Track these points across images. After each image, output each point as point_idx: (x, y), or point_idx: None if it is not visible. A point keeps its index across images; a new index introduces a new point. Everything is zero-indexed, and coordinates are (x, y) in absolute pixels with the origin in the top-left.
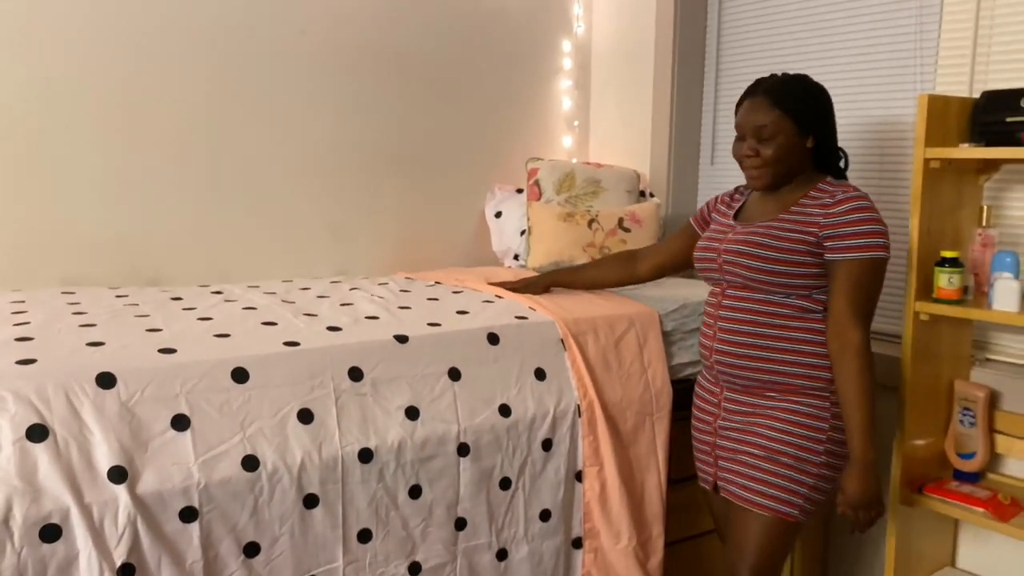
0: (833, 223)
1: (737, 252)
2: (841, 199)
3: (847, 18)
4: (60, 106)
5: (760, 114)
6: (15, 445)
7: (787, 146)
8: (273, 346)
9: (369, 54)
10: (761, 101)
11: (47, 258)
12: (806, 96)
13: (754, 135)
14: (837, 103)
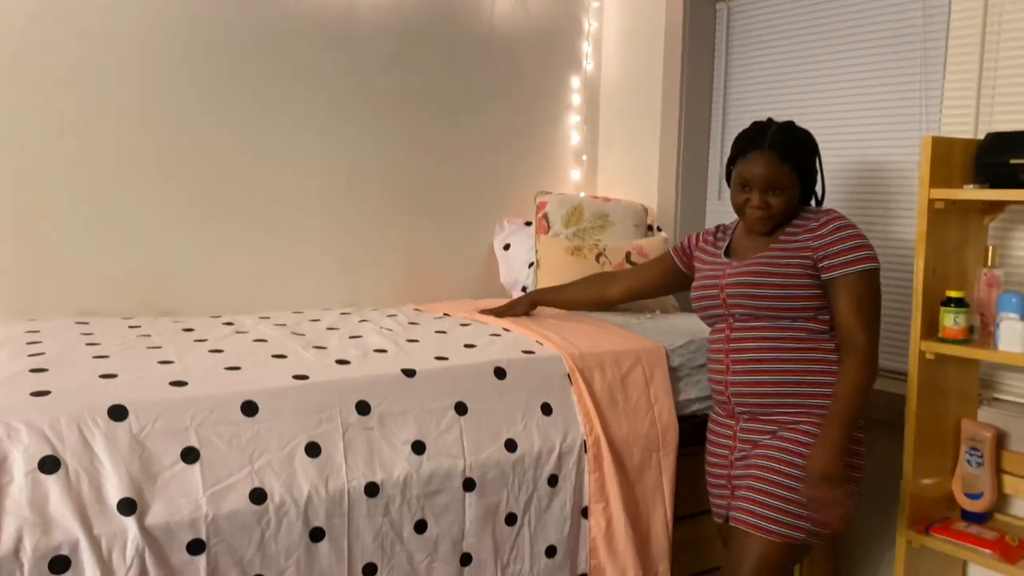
0: (823, 244)
1: (740, 284)
2: (825, 221)
3: (854, 58)
4: (78, 142)
5: (771, 169)
6: (27, 476)
7: (792, 197)
8: (282, 379)
9: (381, 91)
10: (770, 156)
11: (63, 289)
12: (807, 149)
13: (764, 188)
14: (843, 142)
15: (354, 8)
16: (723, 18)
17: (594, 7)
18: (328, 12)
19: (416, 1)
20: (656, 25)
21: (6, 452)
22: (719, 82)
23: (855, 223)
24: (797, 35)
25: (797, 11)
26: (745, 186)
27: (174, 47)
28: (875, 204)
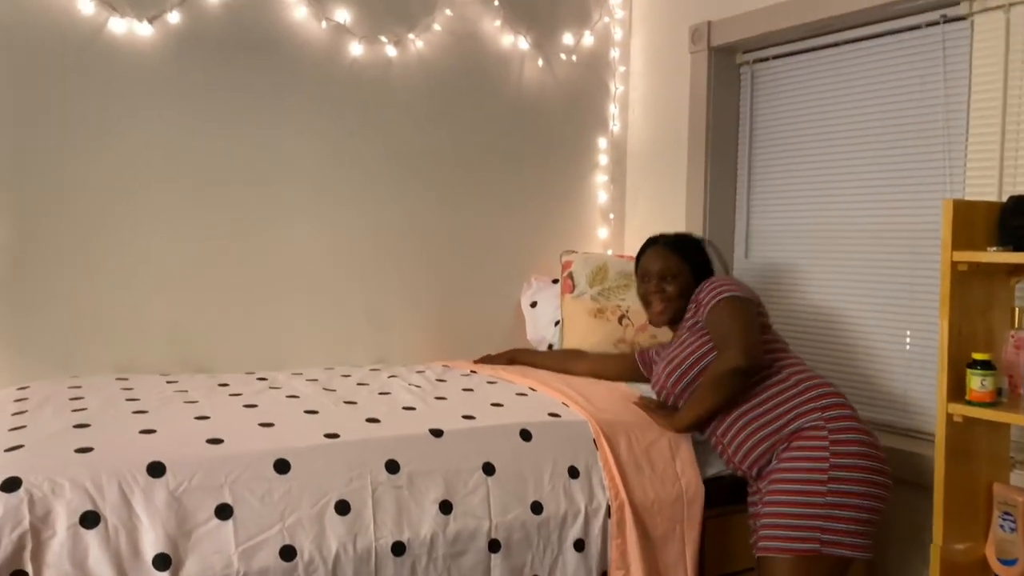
0: (699, 304)
1: (673, 382)
2: (703, 285)
3: (878, 121)
4: (119, 203)
5: (664, 259)
6: (69, 531)
7: (685, 283)
8: (314, 437)
9: (411, 152)
10: (662, 250)
11: (103, 345)
12: (694, 246)
13: (657, 277)
14: (867, 203)
15: (387, 72)
16: (747, 79)
17: (620, 71)
18: (362, 76)
19: (446, 65)
20: (681, 87)
21: (50, 507)
22: (744, 141)
23: (732, 278)
24: (820, 96)
25: (820, 72)
26: (643, 279)
27: (209, 108)
28: (901, 266)
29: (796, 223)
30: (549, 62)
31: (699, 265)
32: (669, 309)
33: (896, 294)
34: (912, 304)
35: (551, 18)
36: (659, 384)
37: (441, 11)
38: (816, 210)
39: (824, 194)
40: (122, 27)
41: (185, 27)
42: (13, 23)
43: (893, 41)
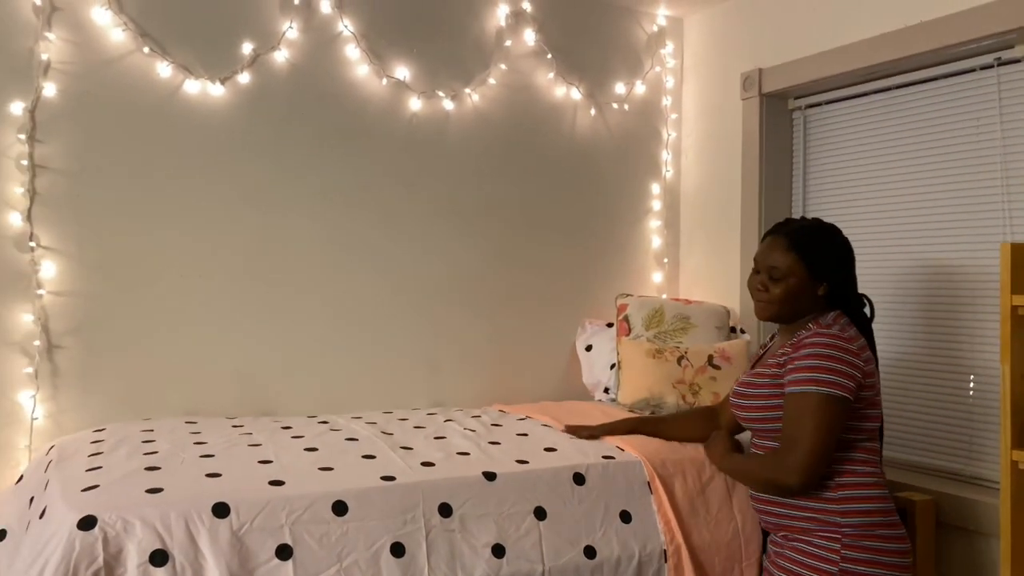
0: (791, 358)
1: (734, 404)
2: (804, 337)
3: (933, 164)
4: (190, 254)
5: (776, 254)
6: (139, 569)
7: (796, 289)
8: (371, 480)
9: (467, 201)
10: (780, 241)
11: (172, 389)
12: (824, 244)
13: (767, 272)
14: (923, 246)
15: (444, 125)
16: (800, 124)
17: (672, 118)
18: (421, 130)
19: (501, 117)
20: (733, 132)
21: (122, 545)
22: (798, 185)
23: (842, 346)
24: (874, 140)
25: (873, 116)
26: (756, 270)
27: (276, 162)
28: (959, 309)
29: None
30: (601, 111)
31: (821, 268)
32: (769, 310)
33: (956, 338)
34: (973, 348)
35: (602, 69)
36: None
37: (496, 66)
38: (872, 254)
39: (880, 238)
40: (196, 88)
41: (255, 87)
42: (95, 86)
43: (947, 84)
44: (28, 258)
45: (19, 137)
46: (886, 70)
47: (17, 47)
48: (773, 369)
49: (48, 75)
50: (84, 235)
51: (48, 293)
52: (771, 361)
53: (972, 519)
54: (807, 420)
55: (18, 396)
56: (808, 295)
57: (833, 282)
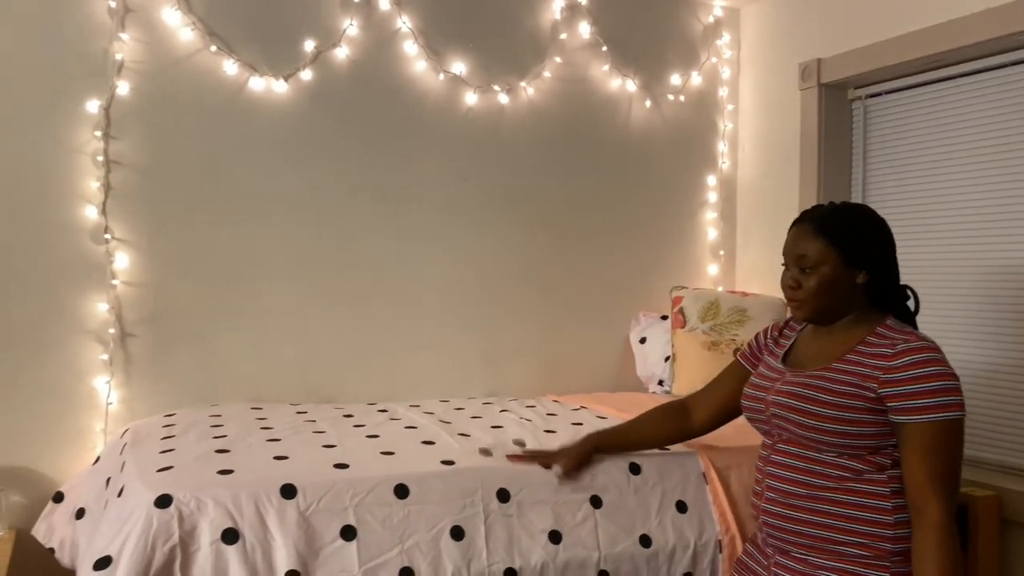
0: (895, 379)
1: (785, 406)
2: (903, 350)
3: (997, 154)
4: (254, 245)
5: (803, 243)
6: (211, 546)
7: (831, 279)
8: (432, 464)
9: (522, 195)
10: (806, 228)
11: (238, 376)
12: (857, 226)
13: (796, 265)
14: (986, 240)
15: (500, 118)
16: (859, 114)
17: (729, 109)
18: (477, 124)
19: (556, 110)
20: (791, 124)
21: (196, 523)
22: (857, 177)
23: (944, 356)
24: (936, 129)
25: (936, 106)
26: (785, 266)
27: (336, 157)
28: (1013, 300)
29: (913, 258)
30: (657, 103)
31: (856, 252)
32: (806, 308)
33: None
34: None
35: (658, 60)
36: (767, 393)
37: (551, 59)
38: (933, 247)
39: (942, 231)
40: (260, 85)
41: (316, 83)
42: (166, 84)
43: (1015, 72)
44: (103, 250)
45: (95, 134)
46: (950, 58)
47: (94, 48)
48: (857, 377)
49: (122, 74)
50: (155, 228)
51: (121, 283)
52: (845, 366)
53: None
54: (956, 450)
55: (94, 382)
56: (846, 285)
57: (872, 269)
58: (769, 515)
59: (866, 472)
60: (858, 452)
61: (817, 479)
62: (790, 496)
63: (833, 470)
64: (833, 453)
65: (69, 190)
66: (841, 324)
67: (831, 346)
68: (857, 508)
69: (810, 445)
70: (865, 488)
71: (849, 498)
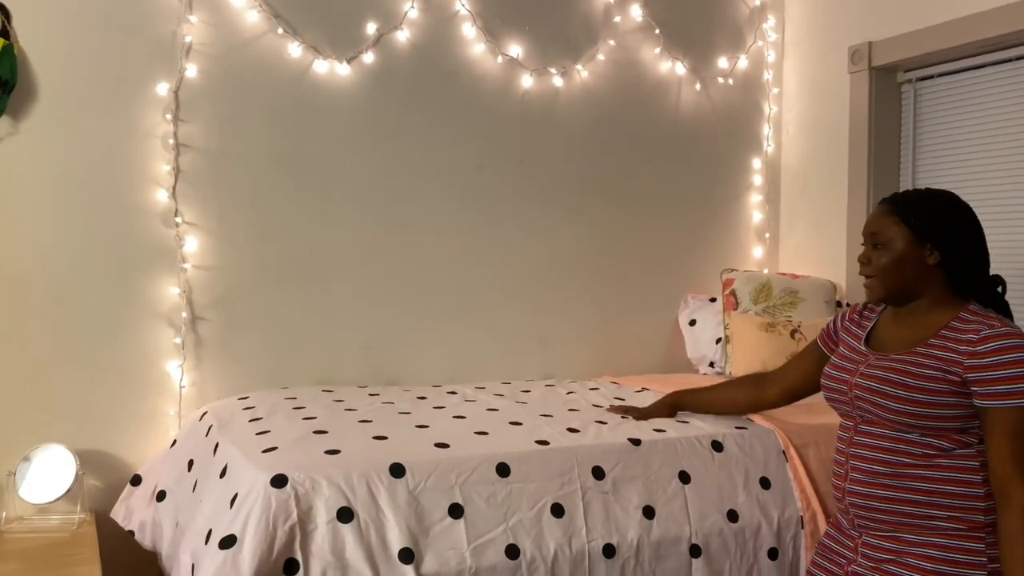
0: (979, 364)
1: (870, 389)
2: (987, 335)
3: None
4: (320, 230)
5: (877, 221)
6: (328, 525)
7: (899, 256)
8: (527, 444)
9: (575, 179)
10: (882, 208)
11: (305, 359)
12: (931, 205)
13: (870, 242)
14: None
15: (555, 101)
16: (909, 97)
17: (774, 92)
18: (533, 106)
19: (609, 93)
20: (838, 107)
21: (312, 502)
22: (906, 160)
23: (1023, 338)
24: (990, 112)
25: (987, 89)
26: (863, 245)
27: (399, 139)
28: None
29: None
30: (705, 86)
31: (926, 229)
32: (878, 285)
33: None
34: None
35: (706, 43)
36: (851, 375)
37: (605, 42)
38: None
39: (995, 215)
40: (324, 68)
41: (378, 66)
42: (233, 67)
43: None
44: (174, 233)
45: (165, 117)
46: (1000, 43)
47: (163, 31)
48: (941, 361)
49: (190, 56)
50: (223, 211)
51: (192, 267)
52: (930, 351)
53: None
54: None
55: (167, 366)
56: (917, 264)
57: (945, 249)
58: (855, 495)
59: (954, 449)
60: (944, 432)
61: (904, 458)
62: (877, 475)
63: (919, 448)
64: (918, 433)
65: (140, 174)
66: (920, 307)
67: (914, 330)
68: (947, 483)
69: (895, 426)
70: (954, 463)
71: (938, 474)
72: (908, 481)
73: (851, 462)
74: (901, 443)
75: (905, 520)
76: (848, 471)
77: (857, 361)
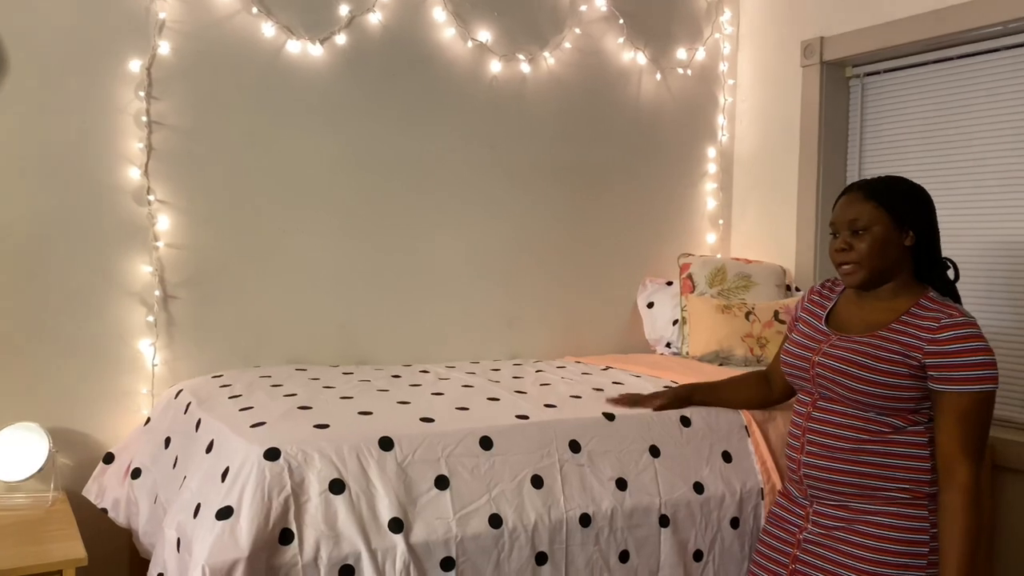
0: (938, 351)
1: (833, 369)
2: (947, 324)
3: (989, 132)
4: (292, 211)
5: (855, 206)
6: (320, 496)
7: (882, 239)
8: (508, 419)
9: (542, 164)
10: (855, 195)
11: (277, 338)
12: (903, 190)
13: (848, 228)
14: (976, 211)
15: (522, 87)
16: (857, 91)
17: (730, 83)
18: (501, 92)
19: (573, 80)
20: (790, 99)
21: (304, 475)
22: (854, 150)
23: (979, 328)
24: (932, 108)
25: (933, 84)
26: (834, 234)
27: (370, 121)
28: (1007, 271)
29: None
30: (665, 76)
31: (904, 214)
32: (859, 271)
33: (1003, 295)
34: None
35: (667, 34)
36: (812, 354)
37: (571, 30)
38: None
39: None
40: (297, 48)
41: (351, 47)
42: (207, 45)
43: (1012, 56)
44: (146, 211)
45: (138, 94)
46: (950, 40)
47: (135, 5)
48: (902, 346)
49: (163, 34)
50: (196, 190)
51: (164, 245)
52: (892, 335)
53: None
54: (986, 419)
55: (138, 344)
56: (896, 247)
57: (920, 230)
58: (811, 467)
59: (906, 427)
60: (899, 411)
61: (860, 434)
62: (833, 450)
63: (875, 426)
64: (875, 411)
65: (112, 151)
66: (885, 291)
67: (876, 313)
68: (898, 458)
69: (854, 404)
70: (906, 440)
71: (890, 449)
72: (863, 456)
73: (807, 436)
74: (858, 420)
75: (857, 491)
76: (804, 444)
77: (819, 340)
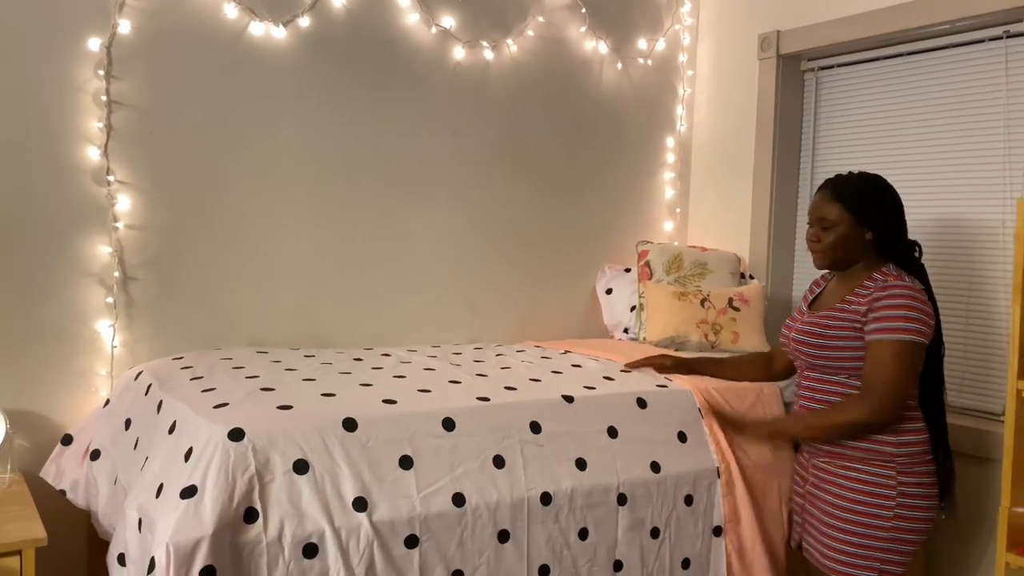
0: (871, 310)
1: (799, 341)
2: (885, 286)
3: (939, 127)
4: (254, 193)
5: (824, 206)
6: (285, 476)
7: (844, 236)
8: (469, 401)
9: (503, 150)
10: (827, 194)
11: (238, 321)
12: (868, 192)
13: (818, 224)
14: (927, 198)
15: (485, 74)
16: (811, 85)
17: (688, 74)
18: (464, 78)
19: (536, 68)
20: (747, 90)
21: (268, 455)
22: (807, 142)
23: (919, 296)
24: (884, 101)
25: (885, 78)
26: (809, 224)
27: (333, 104)
28: (961, 256)
29: None
30: (626, 66)
31: (865, 215)
32: (825, 258)
33: (956, 278)
34: (971, 287)
35: (628, 25)
36: (789, 331)
37: (534, 18)
38: None
39: None
40: (260, 30)
41: (314, 30)
42: (168, 24)
43: (958, 53)
44: (105, 192)
45: (97, 73)
46: (901, 37)
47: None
48: (849, 314)
49: (123, 12)
50: (157, 170)
51: (124, 226)
52: (843, 306)
53: (980, 446)
54: (893, 365)
55: (97, 325)
56: (857, 242)
57: (878, 229)
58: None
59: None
60: (859, 372)
61: (831, 397)
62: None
63: (843, 389)
64: (843, 375)
65: (71, 130)
66: (856, 271)
67: (842, 290)
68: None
69: (823, 370)
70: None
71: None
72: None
73: (800, 401)
74: (829, 384)
75: (835, 449)
76: (798, 409)
77: (796, 319)
